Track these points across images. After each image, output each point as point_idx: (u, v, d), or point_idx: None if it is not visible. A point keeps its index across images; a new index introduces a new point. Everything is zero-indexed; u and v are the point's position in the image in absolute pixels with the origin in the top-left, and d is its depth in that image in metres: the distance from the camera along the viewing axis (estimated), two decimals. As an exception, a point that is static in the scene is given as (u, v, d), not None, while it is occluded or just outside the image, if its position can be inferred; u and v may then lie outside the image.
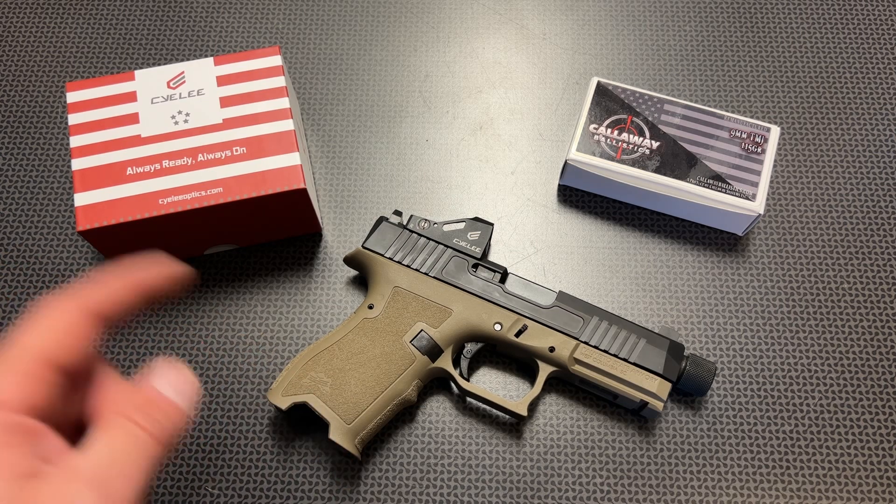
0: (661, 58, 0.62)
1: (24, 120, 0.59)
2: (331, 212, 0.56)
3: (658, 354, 0.48)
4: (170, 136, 0.49)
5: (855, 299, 0.54)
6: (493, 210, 0.56)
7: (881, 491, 0.48)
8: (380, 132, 0.59)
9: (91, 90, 0.51)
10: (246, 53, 0.52)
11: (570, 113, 0.60)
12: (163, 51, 0.62)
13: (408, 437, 0.49)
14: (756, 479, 0.49)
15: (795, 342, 0.52)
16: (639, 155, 0.53)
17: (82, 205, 0.47)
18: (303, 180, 0.48)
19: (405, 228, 0.51)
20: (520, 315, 0.49)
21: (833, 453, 0.49)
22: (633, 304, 0.53)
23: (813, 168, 0.58)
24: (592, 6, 0.64)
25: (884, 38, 0.63)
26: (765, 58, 0.62)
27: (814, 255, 0.55)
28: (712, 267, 0.55)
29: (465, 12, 0.64)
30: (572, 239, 0.55)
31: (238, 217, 0.50)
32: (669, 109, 0.55)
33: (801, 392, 0.51)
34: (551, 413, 0.50)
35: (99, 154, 0.49)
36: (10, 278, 0.54)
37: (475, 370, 0.51)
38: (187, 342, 0.52)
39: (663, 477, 0.48)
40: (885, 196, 0.57)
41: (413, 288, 0.49)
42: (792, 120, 0.60)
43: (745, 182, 0.52)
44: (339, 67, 0.61)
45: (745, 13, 0.64)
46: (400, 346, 0.47)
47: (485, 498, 0.48)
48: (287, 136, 0.50)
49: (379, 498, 0.48)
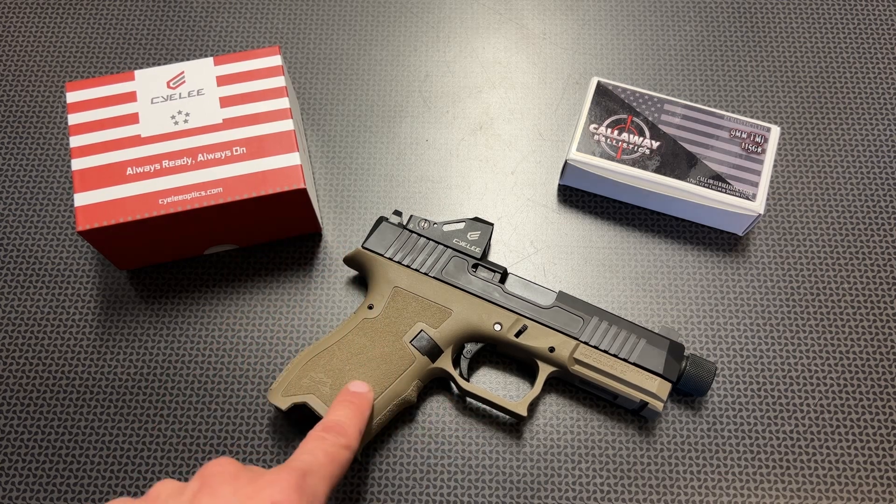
0: (661, 58, 0.62)
1: (24, 120, 0.59)
2: (331, 212, 0.56)
3: (658, 354, 0.48)
4: (170, 136, 0.49)
5: (855, 299, 0.54)
6: (493, 210, 0.56)
7: (881, 491, 0.48)
8: (380, 132, 0.59)
9: (91, 90, 0.51)
10: (246, 53, 0.52)
11: (570, 113, 0.60)
12: (163, 51, 0.62)
13: (408, 437, 0.49)
14: (756, 479, 0.49)
15: (795, 342, 0.52)
16: (639, 155, 0.53)
17: (82, 205, 0.47)
18: (303, 180, 0.48)
19: (405, 228, 0.51)
20: (520, 315, 0.49)
21: (833, 453, 0.49)
22: (633, 304, 0.53)
23: (813, 168, 0.58)
24: (592, 6, 0.64)
25: (884, 38, 0.63)
26: (765, 58, 0.62)
27: (814, 255, 0.55)
28: (712, 267, 0.55)
29: (465, 12, 0.64)
30: (572, 239, 0.55)
31: (238, 217, 0.50)
32: (669, 109, 0.55)
33: (801, 392, 0.51)
34: (551, 413, 0.50)
35: (99, 154, 0.49)
36: (10, 278, 0.54)
37: (475, 370, 0.51)
38: (187, 342, 0.52)
39: (663, 477, 0.48)
40: (885, 196, 0.57)
41: (413, 288, 0.49)
42: (792, 120, 0.60)
43: (745, 182, 0.52)
44: (339, 67, 0.61)
45: (745, 13, 0.64)
46: (400, 346, 0.47)
47: (485, 498, 0.48)
48: (287, 136, 0.50)
49: (379, 498, 0.48)
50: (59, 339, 0.52)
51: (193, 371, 0.51)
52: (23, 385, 0.51)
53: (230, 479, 0.35)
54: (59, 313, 0.53)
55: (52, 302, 0.53)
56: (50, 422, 0.50)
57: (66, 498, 0.48)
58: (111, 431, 0.49)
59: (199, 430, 0.49)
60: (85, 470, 0.48)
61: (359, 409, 0.42)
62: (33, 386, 0.51)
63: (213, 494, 0.34)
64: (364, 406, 0.43)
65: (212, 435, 0.49)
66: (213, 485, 0.34)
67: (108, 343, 0.52)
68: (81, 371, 0.51)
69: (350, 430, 0.41)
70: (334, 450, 0.39)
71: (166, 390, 0.50)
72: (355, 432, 0.41)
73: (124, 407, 0.50)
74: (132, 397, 0.50)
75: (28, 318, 0.53)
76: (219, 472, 0.35)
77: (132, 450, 0.49)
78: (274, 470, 0.36)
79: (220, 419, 0.50)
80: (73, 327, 0.52)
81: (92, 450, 0.49)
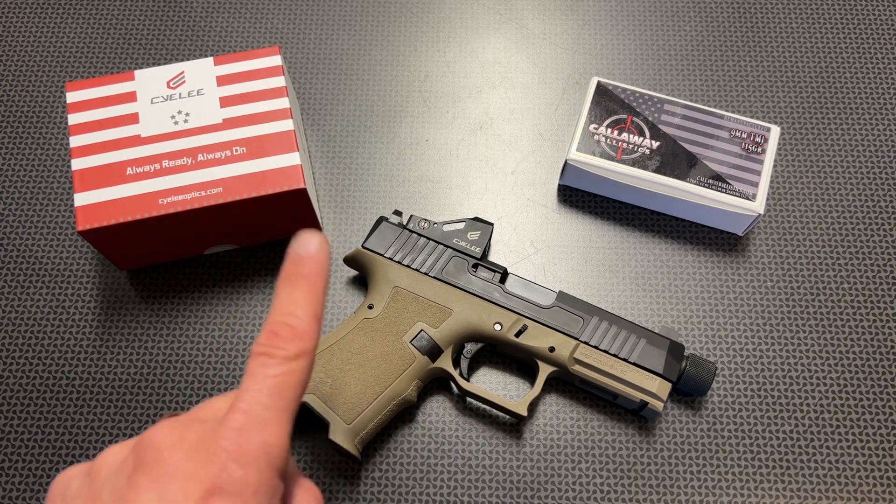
0: (661, 58, 0.62)
1: (24, 120, 0.59)
2: (331, 212, 0.56)
3: (658, 354, 0.48)
4: (170, 136, 0.49)
5: (855, 299, 0.54)
6: (493, 210, 0.56)
7: (881, 491, 0.48)
8: (380, 132, 0.59)
9: (91, 90, 0.51)
10: (246, 53, 0.52)
11: (570, 113, 0.60)
12: (163, 51, 0.62)
13: (408, 437, 0.49)
14: (756, 479, 0.49)
15: (795, 342, 0.52)
16: (639, 155, 0.53)
17: (82, 205, 0.47)
18: (303, 180, 0.48)
19: (405, 228, 0.51)
20: (520, 315, 0.49)
21: (833, 453, 0.49)
22: (633, 304, 0.53)
23: (813, 168, 0.58)
24: (592, 6, 0.64)
25: (884, 38, 0.63)
26: (765, 58, 0.62)
27: (814, 255, 0.55)
28: (712, 267, 0.55)
29: (465, 12, 0.64)
30: (572, 239, 0.55)
31: (238, 217, 0.50)
32: (669, 109, 0.55)
33: (801, 392, 0.51)
34: (551, 413, 0.50)
35: (99, 154, 0.49)
36: (10, 278, 0.54)
37: (475, 370, 0.51)
38: (187, 342, 0.52)
39: (663, 477, 0.48)
40: (885, 196, 0.57)
41: (413, 288, 0.49)
42: (792, 120, 0.60)
43: (745, 182, 0.52)
44: (339, 67, 0.61)
45: (745, 13, 0.64)
46: (400, 346, 0.47)
47: (485, 498, 0.48)
48: (287, 136, 0.50)
49: (379, 498, 0.48)
50: (59, 339, 0.52)
51: (193, 371, 0.51)
52: (23, 385, 0.51)
53: (168, 455, 0.29)
54: (59, 313, 0.53)
55: (52, 302, 0.53)
56: (50, 422, 0.50)
57: (66, 498, 0.48)
58: (111, 431, 0.49)
59: (199, 430, 0.49)
60: (85, 470, 0.48)
61: (310, 283, 0.33)
62: (33, 386, 0.51)
63: (152, 478, 0.29)
64: (317, 274, 0.33)
65: (212, 435, 0.49)
66: (149, 463, 0.29)
67: (108, 343, 0.52)
68: (81, 371, 0.51)
69: (302, 325, 0.32)
70: (282, 371, 0.31)
71: (166, 390, 0.50)
72: (309, 323, 0.32)
73: (124, 407, 0.50)
74: (132, 397, 0.50)
75: (28, 318, 0.53)
76: (156, 446, 0.30)
77: (132, 450, 0.49)
78: (213, 429, 0.30)
79: (220, 419, 0.50)
80: (73, 327, 0.52)
81: (92, 450, 0.49)
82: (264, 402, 0.31)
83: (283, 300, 0.33)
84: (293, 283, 0.33)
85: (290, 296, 0.33)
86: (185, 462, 0.29)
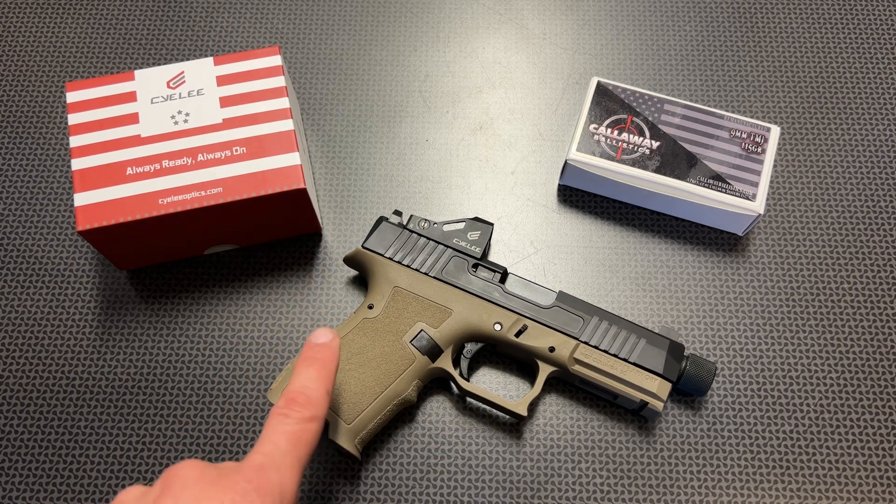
0: (661, 58, 0.62)
1: (24, 120, 0.59)
2: (331, 212, 0.56)
3: (658, 354, 0.48)
4: (170, 136, 0.49)
5: (855, 299, 0.54)
6: (493, 210, 0.56)
7: (881, 491, 0.48)
8: (380, 132, 0.59)
9: (91, 90, 0.51)
10: (246, 53, 0.52)
11: (570, 113, 0.60)
12: (163, 51, 0.62)
13: (408, 437, 0.49)
14: (756, 479, 0.49)
15: (795, 342, 0.52)
16: (639, 155, 0.53)
17: (82, 205, 0.47)
18: (303, 180, 0.48)
19: (405, 228, 0.51)
20: (520, 315, 0.49)
21: (833, 453, 0.49)
22: (633, 304, 0.53)
23: (813, 168, 0.58)
24: (592, 6, 0.64)
25: (884, 38, 0.63)
26: (765, 58, 0.62)
27: (814, 255, 0.55)
28: (712, 267, 0.55)
29: (465, 12, 0.64)
30: (572, 239, 0.55)
31: (238, 217, 0.50)
32: (669, 109, 0.55)
33: (801, 392, 0.51)
34: (551, 413, 0.50)
35: (99, 154, 0.49)
36: (10, 278, 0.54)
37: (475, 370, 0.51)
38: (187, 342, 0.52)
39: (663, 477, 0.48)
40: (885, 196, 0.57)
41: (413, 288, 0.49)
42: (792, 120, 0.60)
43: (745, 182, 0.52)
44: (339, 67, 0.61)
45: (745, 13, 0.64)
46: (400, 346, 0.47)
47: (485, 498, 0.48)
48: (287, 136, 0.50)
49: (379, 498, 0.48)
50: (59, 339, 0.52)
51: (193, 371, 0.51)
52: (23, 385, 0.51)
53: (192, 484, 0.34)
54: (59, 313, 0.53)
55: (52, 302, 0.53)
56: (50, 422, 0.50)
57: (66, 498, 0.48)
58: (111, 431, 0.49)
59: (199, 430, 0.49)
60: (85, 470, 0.48)
61: (324, 365, 0.40)
62: (33, 386, 0.51)
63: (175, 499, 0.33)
64: (329, 360, 0.40)
65: (212, 435, 0.49)
66: (175, 489, 0.34)
67: (108, 343, 0.52)
68: (81, 371, 0.51)
69: (315, 396, 0.38)
70: (298, 429, 0.37)
71: (166, 390, 0.50)
72: (321, 395, 0.38)
73: (124, 407, 0.50)
74: (132, 397, 0.50)
75: (28, 318, 0.53)
76: (181, 476, 0.34)
77: (132, 450, 0.49)
78: (235, 467, 0.35)
79: (220, 419, 0.50)
80: (73, 327, 0.52)
81: (92, 450, 0.49)
82: (283, 449, 0.36)
83: (301, 376, 0.39)
84: (309, 363, 0.40)
85: (306, 373, 0.39)
86: (208, 488, 0.33)
